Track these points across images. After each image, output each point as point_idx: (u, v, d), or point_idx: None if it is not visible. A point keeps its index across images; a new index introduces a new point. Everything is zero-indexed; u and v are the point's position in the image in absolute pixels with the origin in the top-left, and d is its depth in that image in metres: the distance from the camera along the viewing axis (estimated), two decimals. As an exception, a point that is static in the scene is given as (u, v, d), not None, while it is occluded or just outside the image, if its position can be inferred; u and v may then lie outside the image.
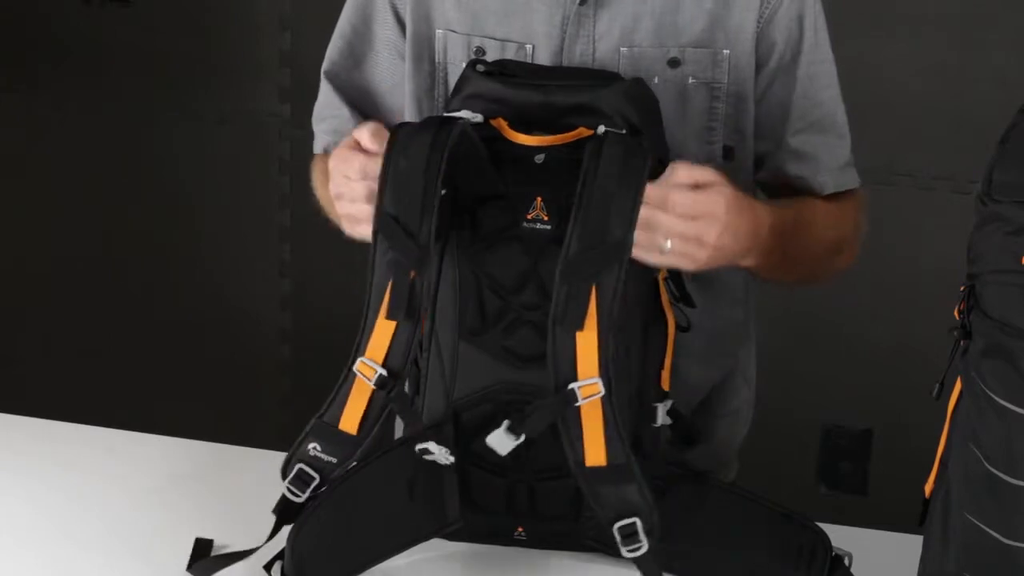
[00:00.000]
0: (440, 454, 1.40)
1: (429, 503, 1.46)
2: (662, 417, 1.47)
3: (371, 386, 1.37)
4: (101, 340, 3.29)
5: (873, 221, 1.96)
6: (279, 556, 1.43)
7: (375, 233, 1.37)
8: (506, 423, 1.36)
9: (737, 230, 1.41)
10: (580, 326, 1.32)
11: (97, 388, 3.24)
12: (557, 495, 1.45)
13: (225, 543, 1.49)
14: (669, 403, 1.48)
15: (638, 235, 1.33)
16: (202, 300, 3.22)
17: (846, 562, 1.42)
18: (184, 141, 3.16)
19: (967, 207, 1.21)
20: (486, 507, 1.46)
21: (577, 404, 1.32)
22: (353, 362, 1.38)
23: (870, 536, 1.53)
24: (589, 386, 1.33)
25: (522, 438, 1.36)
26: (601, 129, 1.40)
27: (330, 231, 1.66)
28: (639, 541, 1.33)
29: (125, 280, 3.26)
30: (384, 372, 1.37)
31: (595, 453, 1.33)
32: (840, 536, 1.45)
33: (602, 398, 1.33)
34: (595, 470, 1.33)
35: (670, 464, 1.47)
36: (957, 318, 1.20)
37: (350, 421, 1.38)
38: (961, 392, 1.21)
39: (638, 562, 1.35)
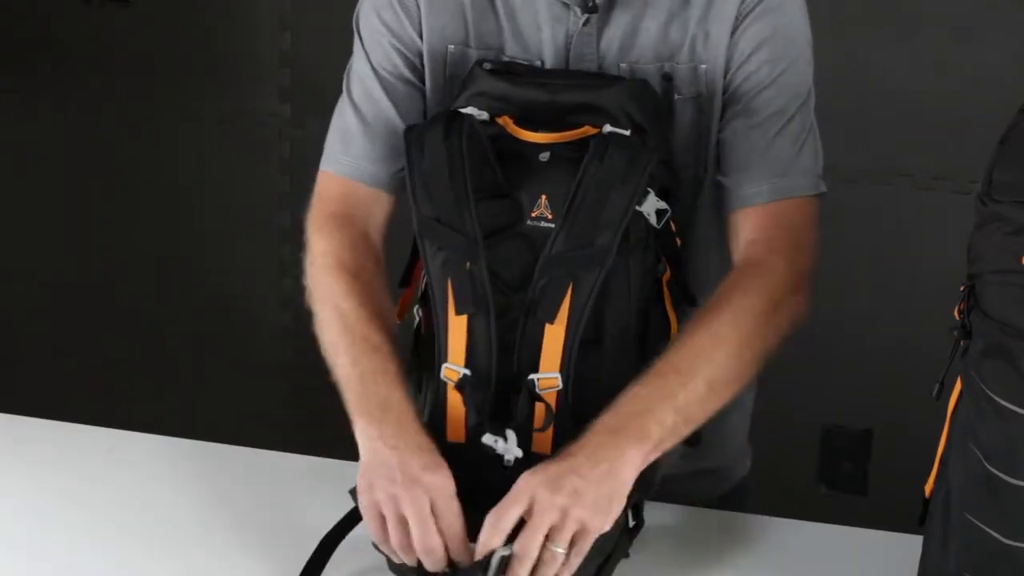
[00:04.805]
0: (510, 446, 1.38)
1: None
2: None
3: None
4: (101, 340, 3.28)
5: (873, 221, 1.99)
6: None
7: (420, 238, 1.38)
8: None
9: (588, 474, 1.31)
10: (551, 319, 1.34)
11: (97, 388, 3.23)
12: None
13: (224, 543, 1.49)
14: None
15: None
16: (202, 300, 3.22)
17: None
18: (184, 141, 3.16)
19: (967, 207, 1.21)
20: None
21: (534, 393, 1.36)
22: (439, 371, 1.38)
23: (870, 536, 1.53)
24: (548, 379, 1.36)
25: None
26: (607, 129, 1.40)
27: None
28: None
29: (125, 280, 3.26)
30: (468, 372, 1.38)
31: (542, 441, 1.37)
32: (840, 536, 1.45)
33: (559, 392, 1.36)
34: (541, 456, 1.35)
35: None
36: (957, 318, 1.20)
37: (456, 431, 1.39)
38: (961, 392, 1.21)
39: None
